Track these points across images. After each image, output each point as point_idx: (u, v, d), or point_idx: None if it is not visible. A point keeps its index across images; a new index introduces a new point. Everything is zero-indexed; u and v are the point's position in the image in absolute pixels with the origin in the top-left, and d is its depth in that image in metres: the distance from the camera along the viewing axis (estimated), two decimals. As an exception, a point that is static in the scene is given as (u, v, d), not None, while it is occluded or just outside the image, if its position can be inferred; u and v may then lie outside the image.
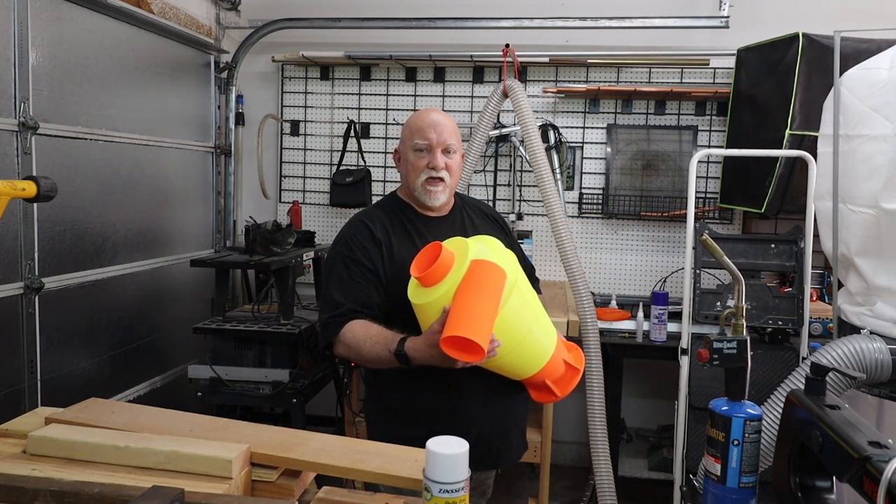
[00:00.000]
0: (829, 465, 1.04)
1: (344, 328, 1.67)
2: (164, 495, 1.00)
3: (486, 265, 1.50)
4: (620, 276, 3.66)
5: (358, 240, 1.75)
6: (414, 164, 1.77)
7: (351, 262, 1.73)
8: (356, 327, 1.66)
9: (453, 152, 1.77)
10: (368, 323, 1.67)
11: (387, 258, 1.73)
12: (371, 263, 1.72)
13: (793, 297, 2.71)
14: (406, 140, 1.80)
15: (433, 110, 1.83)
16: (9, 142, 2.24)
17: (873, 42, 2.60)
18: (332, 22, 3.57)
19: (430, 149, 1.75)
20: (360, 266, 1.72)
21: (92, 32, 2.64)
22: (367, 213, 1.85)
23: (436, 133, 1.75)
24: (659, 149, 3.56)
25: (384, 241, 1.74)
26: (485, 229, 1.85)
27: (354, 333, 1.65)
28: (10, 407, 2.21)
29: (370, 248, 1.73)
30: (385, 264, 1.73)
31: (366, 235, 1.75)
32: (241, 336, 2.78)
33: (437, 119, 1.78)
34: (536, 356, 1.62)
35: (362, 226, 1.78)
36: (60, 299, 2.48)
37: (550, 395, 1.70)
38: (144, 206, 3.00)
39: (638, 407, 3.66)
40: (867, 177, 2.06)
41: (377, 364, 1.65)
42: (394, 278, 1.70)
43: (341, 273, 1.73)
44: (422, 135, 1.75)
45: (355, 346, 1.65)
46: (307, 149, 3.85)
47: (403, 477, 1.17)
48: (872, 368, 2.01)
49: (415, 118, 1.81)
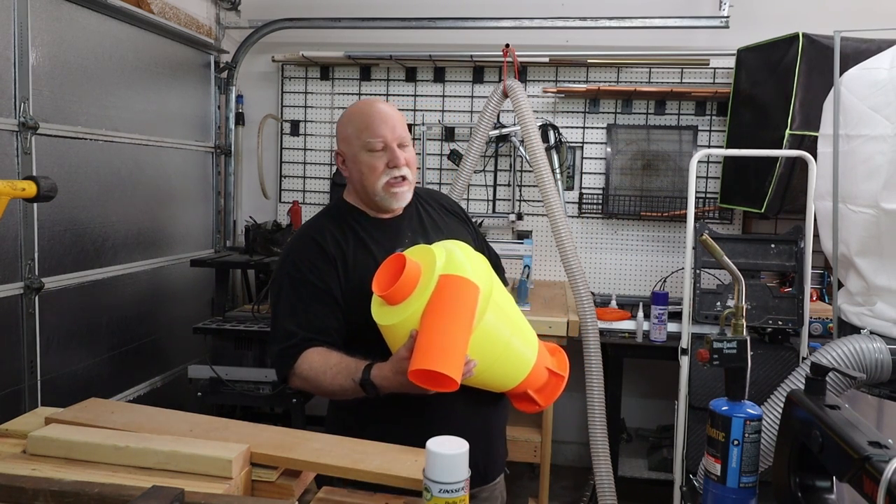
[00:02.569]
0: (829, 465, 1.04)
1: (299, 359, 1.49)
2: (164, 495, 1.00)
3: (456, 281, 1.34)
4: (620, 276, 3.66)
5: (307, 258, 1.55)
6: (371, 165, 1.55)
7: (301, 285, 1.53)
8: (313, 357, 1.49)
9: (407, 145, 1.59)
10: (326, 351, 1.49)
11: (342, 275, 1.54)
12: (324, 284, 1.53)
13: (793, 297, 2.70)
14: (352, 140, 1.58)
15: (376, 101, 1.62)
16: (9, 142, 2.24)
17: (873, 42, 2.60)
18: (332, 22, 3.57)
19: (385, 146, 1.55)
20: (312, 288, 1.53)
21: (92, 32, 2.64)
22: (314, 226, 1.62)
23: (388, 128, 1.55)
24: (659, 149, 3.56)
25: (337, 255, 1.55)
26: (445, 225, 1.70)
27: (311, 364, 1.48)
28: (10, 407, 2.21)
29: (321, 267, 1.54)
30: (341, 283, 1.54)
31: (315, 252, 1.55)
32: (241, 336, 2.78)
33: (385, 111, 1.58)
34: (517, 368, 1.49)
35: (311, 242, 1.57)
36: (60, 299, 2.48)
37: (533, 406, 1.58)
38: (144, 206, 3.00)
39: (638, 407, 3.66)
40: (867, 177, 2.06)
41: (340, 395, 1.48)
42: (352, 297, 1.53)
43: (290, 298, 1.54)
44: (373, 132, 1.55)
45: (313, 378, 1.48)
46: (307, 149, 3.85)
47: (403, 477, 1.17)
48: (872, 368, 2.01)
49: (357, 113, 1.59)
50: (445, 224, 1.72)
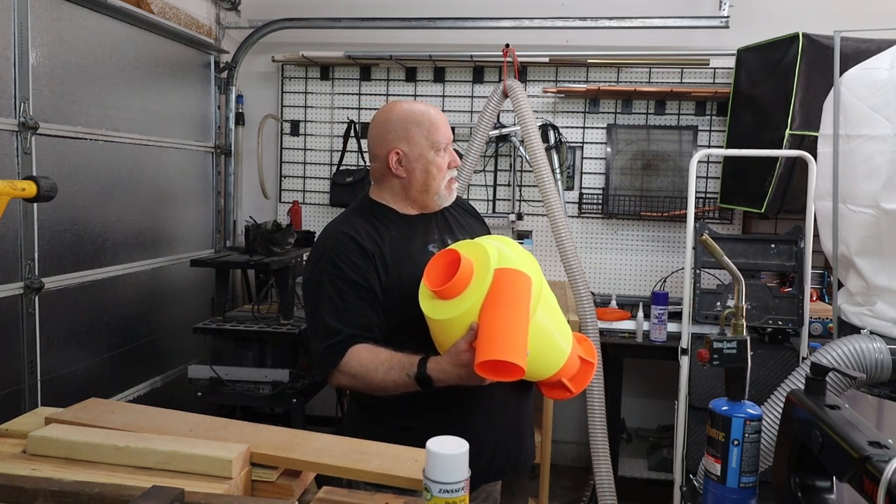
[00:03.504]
0: (829, 465, 1.04)
1: (346, 356, 1.51)
2: (164, 495, 1.00)
3: (513, 274, 1.39)
4: (620, 276, 3.66)
5: (345, 255, 1.55)
6: (438, 164, 1.62)
7: (341, 282, 1.54)
8: (361, 353, 1.50)
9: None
10: (374, 347, 1.51)
11: (382, 272, 1.56)
12: (365, 281, 1.54)
13: (793, 297, 2.71)
14: (418, 139, 1.61)
15: (428, 104, 1.70)
16: (9, 142, 2.23)
17: (873, 42, 2.61)
18: (331, 22, 3.57)
19: (447, 146, 1.64)
20: (353, 285, 1.54)
21: (92, 32, 2.64)
22: (346, 223, 1.63)
23: (448, 129, 1.66)
24: (659, 149, 3.57)
25: (375, 252, 1.56)
26: (467, 224, 1.77)
27: (361, 361, 1.50)
28: (10, 407, 2.20)
29: (360, 264, 1.54)
30: (381, 279, 1.55)
31: (353, 249, 1.56)
32: (241, 336, 2.78)
33: (441, 115, 1.67)
34: (556, 359, 1.54)
35: (348, 239, 1.57)
36: (60, 299, 2.47)
37: (566, 393, 1.61)
38: (144, 206, 3.00)
39: (638, 407, 3.66)
40: (867, 177, 2.06)
41: (392, 391, 1.49)
42: (392, 293, 1.55)
43: (332, 296, 1.54)
44: (441, 133, 1.62)
45: (363, 375, 1.49)
46: (307, 149, 3.85)
47: (403, 477, 1.17)
48: (872, 368, 2.01)
49: (421, 114, 1.63)
50: (466, 223, 1.77)
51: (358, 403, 1.68)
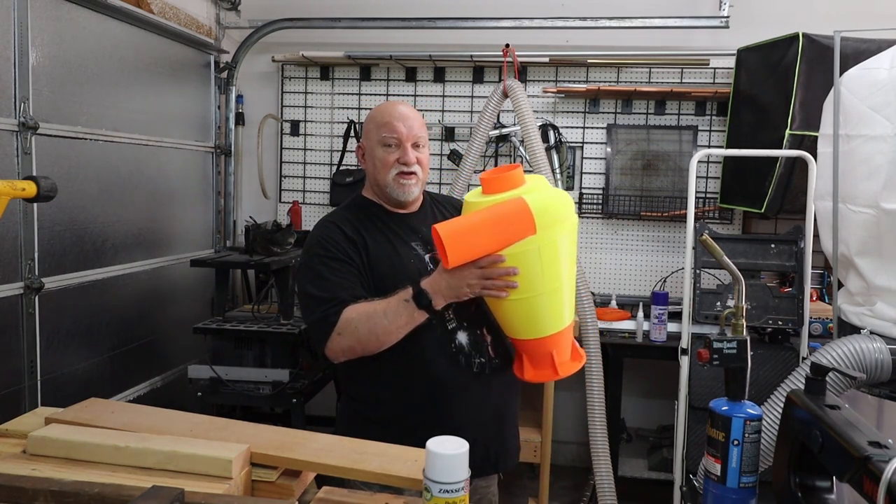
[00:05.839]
0: (829, 465, 1.04)
1: (341, 316, 1.55)
2: (164, 495, 1.00)
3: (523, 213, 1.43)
4: (620, 276, 3.66)
5: (332, 238, 1.64)
6: (383, 159, 1.67)
7: (329, 260, 1.62)
8: (357, 307, 1.55)
9: (423, 146, 1.69)
10: (365, 301, 1.56)
11: (364, 256, 1.64)
12: (350, 259, 1.62)
13: (793, 297, 2.71)
14: (371, 135, 1.70)
15: (399, 103, 1.74)
16: (9, 142, 2.23)
17: (873, 42, 2.61)
18: (331, 22, 3.57)
19: (399, 143, 1.66)
20: (340, 262, 1.61)
21: (92, 32, 2.64)
22: (334, 216, 1.74)
23: (405, 127, 1.66)
24: (659, 149, 3.56)
25: (358, 240, 1.65)
26: None
27: (357, 311, 1.54)
28: (10, 407, 2.20)
29: (346, 247, 1.63)
30: (364, 264, 1.63)
31: (338, 235, 1.65)
32: (241, 336, 2.78)
33: (404, 112, 1.68)
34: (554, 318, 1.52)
35: (334, 227, 1.67)
36: (60, 299, 2.48)
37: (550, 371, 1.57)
38: (144, 206, 3.00)
39: (638, 407, 3.66)
40: (867, 177, 2.06)
41: (394, 329, 1.52)
42: (372, 276, 1.63)
43: (321, 271, 1.61)
44: (389, 129, 1.66)
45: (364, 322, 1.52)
46: (307, 149, 3.85)
47: (403, 477, 1.17)
48: (872, 368, 2.01)
49: (380, 112, 1.71)
50: None
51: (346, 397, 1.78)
